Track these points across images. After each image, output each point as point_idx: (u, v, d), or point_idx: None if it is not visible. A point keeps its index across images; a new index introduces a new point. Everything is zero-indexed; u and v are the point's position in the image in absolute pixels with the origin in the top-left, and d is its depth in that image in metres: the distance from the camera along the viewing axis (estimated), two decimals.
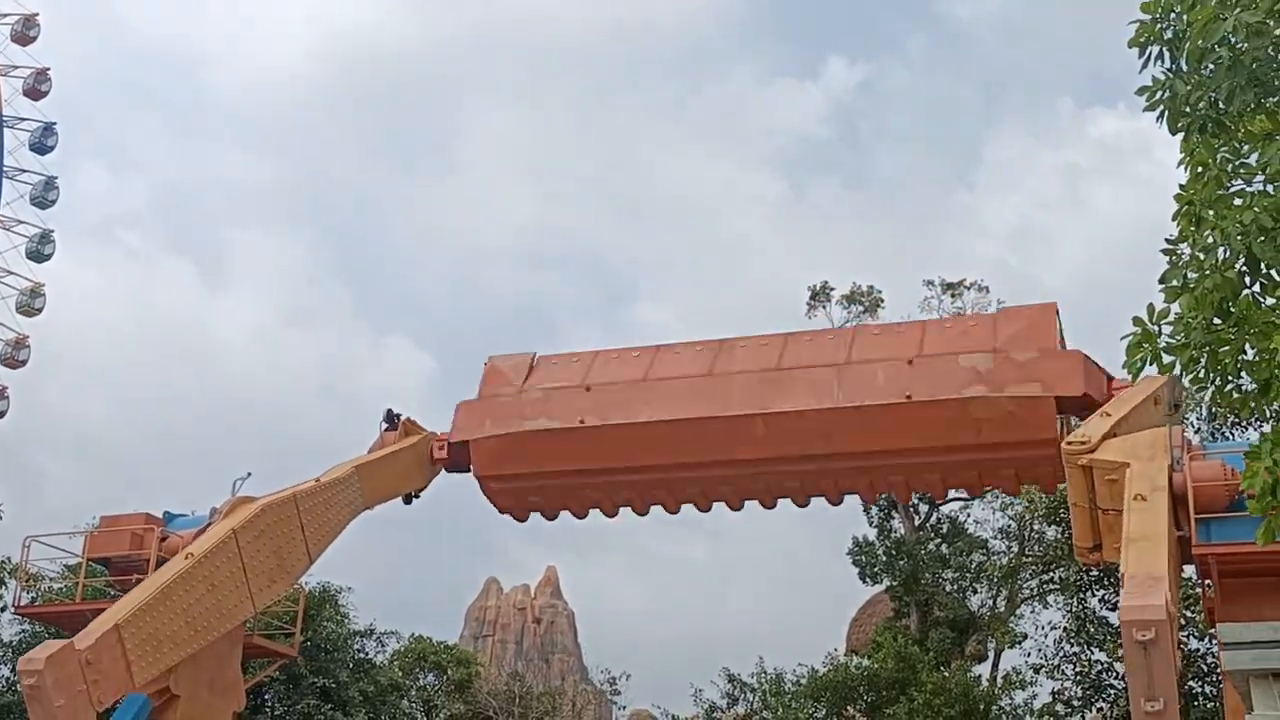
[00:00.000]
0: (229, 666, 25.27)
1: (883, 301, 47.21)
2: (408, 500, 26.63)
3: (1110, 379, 22.57)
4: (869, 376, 22.95)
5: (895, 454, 23.37)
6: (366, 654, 34.77)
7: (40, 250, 48.76)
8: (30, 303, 47.90)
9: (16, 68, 50.37)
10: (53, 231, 49.42)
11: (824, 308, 47.40)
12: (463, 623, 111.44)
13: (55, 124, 50.38)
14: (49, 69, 50.45)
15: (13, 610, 27.13)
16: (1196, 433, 31.05)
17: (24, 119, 50.43)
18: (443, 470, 26.37)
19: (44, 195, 49.50)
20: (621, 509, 25.97)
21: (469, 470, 25.95)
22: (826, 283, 47.49)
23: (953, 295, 46.40)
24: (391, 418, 26.22)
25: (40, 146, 49.94)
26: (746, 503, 25.43)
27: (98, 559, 25.23)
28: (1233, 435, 30.02)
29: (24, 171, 50.25)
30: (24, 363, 47.19)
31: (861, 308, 47.19)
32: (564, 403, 24.50)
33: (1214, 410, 30.23)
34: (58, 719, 20.12)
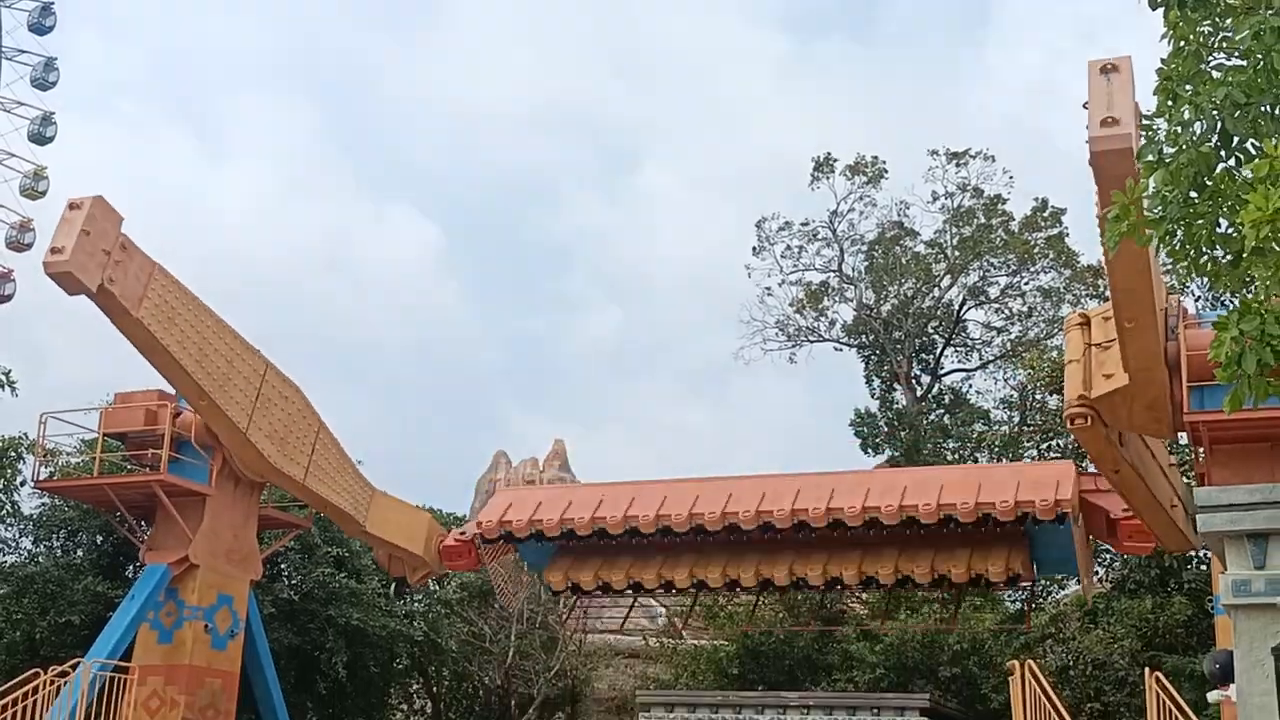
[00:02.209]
0: (245, 537, 25.99)
1: (886, 172, 47.33)
2: (398, 589, 27.45)
3: None
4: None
5: None
6: None
7: (42, 132, 48.58)
8: (34, 185, 47.83)
9: None
10: (54, 113, 49.23)
11: (827, 179, 47.47)
12: (472, 495, 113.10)
13: (53, 3, 49.84)
14: None
15: (32, 485, 27.76)
16: (1197, 300, 31.28)
17: None
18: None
19: (44, 77, 49.16)
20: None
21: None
22: (830, 154, 47.50)
23: (957, 165, 46.43)
24: None
25: (39, 27, 49.43)
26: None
27: (113, 434, 25.78)
28: (1233, 303, 30.18)
29: (23, 52, 49.90)
30: (30, 246, 47.24)
31: (865, 179, 47.24)
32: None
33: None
34: (73, 241, 20.09)
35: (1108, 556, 32.62)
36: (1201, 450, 20.17)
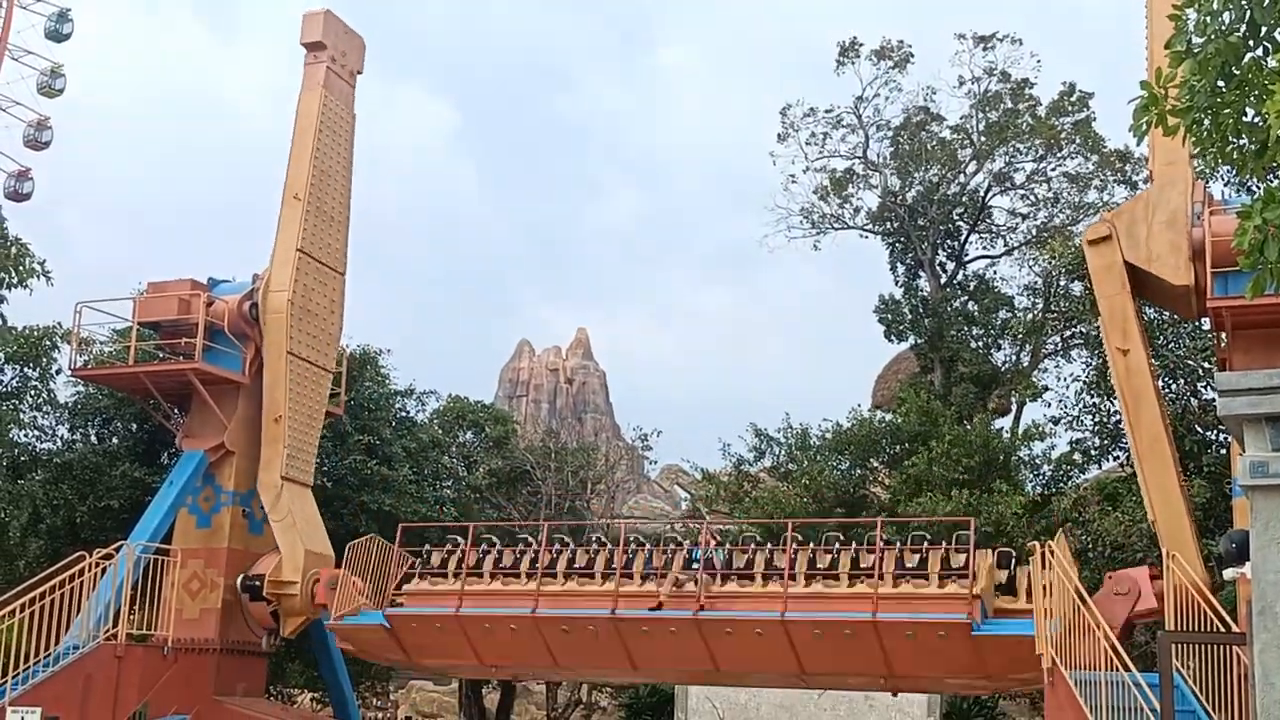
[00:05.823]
0: None
1: (912, 57, 46.82)
2: (272, 637, 25.51)
3: None
4: None
5: None
6: (407, 413, 35.95)
7: (59, 30, 48.13)
8: (51, 83, 47.45)
9: None
10: (70, 9, 48.86)
11: (853, 64, 47.01)
12: (497, 384, 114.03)
13: None
14: None
15: (69, 373, 28.20)
16: (1227, 185, 31.12)
17: None
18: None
19: None
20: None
21: None
22: (855, 38, 46.98)
23: (984, 48, 45.89)
24: None
25: None
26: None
27: (147, 323, 26.13)
28: (1259, 189, 30.02)
29: None
30: (47, 144, 47.00)
31: (891, 63, 46.77)
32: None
33: None
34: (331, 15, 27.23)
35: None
36: (1224, 336, 20.35)
